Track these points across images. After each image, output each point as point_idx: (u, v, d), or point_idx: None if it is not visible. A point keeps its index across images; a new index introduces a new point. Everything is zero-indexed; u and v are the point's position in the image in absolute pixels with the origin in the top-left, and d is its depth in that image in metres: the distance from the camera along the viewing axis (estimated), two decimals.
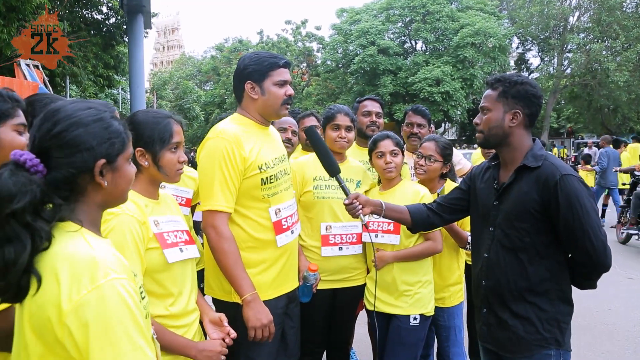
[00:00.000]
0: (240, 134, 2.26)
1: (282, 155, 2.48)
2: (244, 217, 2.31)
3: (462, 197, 2.37)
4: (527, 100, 2.01)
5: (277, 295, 2.39)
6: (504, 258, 2.03)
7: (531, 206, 1.94)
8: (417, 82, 27.11)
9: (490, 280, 2.08)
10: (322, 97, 35.08)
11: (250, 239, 2.30)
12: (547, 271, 1.96)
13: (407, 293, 2.75)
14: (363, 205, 2.35)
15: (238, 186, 2.25)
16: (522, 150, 2.04)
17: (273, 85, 2.31)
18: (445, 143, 3.00)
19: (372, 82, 29.27)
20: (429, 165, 2.94)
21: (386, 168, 2.82)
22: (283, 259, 2.40)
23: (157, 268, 1.80)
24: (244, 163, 2.24)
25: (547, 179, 1.92)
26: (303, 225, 2.86)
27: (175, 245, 1.87)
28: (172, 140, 1.88)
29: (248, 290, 2.17)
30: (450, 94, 26.65)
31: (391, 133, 2.92)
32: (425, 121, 3.63)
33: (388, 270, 2.77)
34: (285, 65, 2.33)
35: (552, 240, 1.96)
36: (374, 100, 3.57)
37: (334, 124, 2.92)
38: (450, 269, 3.00)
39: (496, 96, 2.03)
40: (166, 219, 1.91)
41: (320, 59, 36.21)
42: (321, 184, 2.87)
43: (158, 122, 1.87)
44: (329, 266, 2.82)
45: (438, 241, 2.76)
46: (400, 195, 2.81)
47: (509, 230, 2.01)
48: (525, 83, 2.01)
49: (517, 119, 2.02)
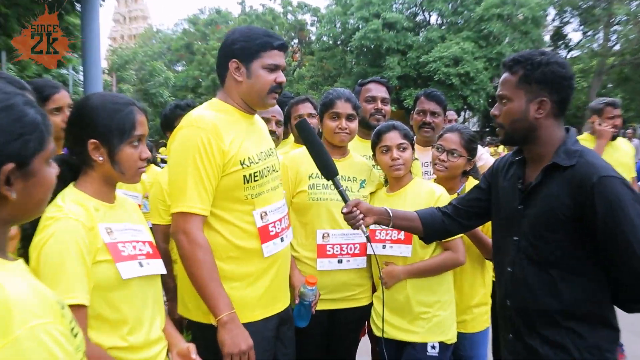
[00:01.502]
0: (219, 123, 2.26)
1: (269, 149, 2.49)
2: (224, 221, 2.30)
3: (481, 198, 2.37)
4: (554, 85, 1.98)
5: (266, 315, 2.39)
6: (532, 274, 2.02)
7: (562, 213, 1.93)
8: (431, 61, 27.15)
9: (516, 300, 2.08)
10: (317, 80, 35.15)
11: (231, 247, 2.30)
12: (584, 291, 1.95)
13: (424, 316, 2.74)
14: (365, 214, 2.34)
15: (216, 184, 2.25)
16: (552, 145, 2.03)
17: (262, 68, 2.31)
18: (471, 135, 3.02)
19: (377, 62, 29.35)
20: (451, 160, 2.95)
21: (393, 165, 2.82)
22: (271, 271, 2.40)
23: (109, 285, 1.77)
24: (223, 157, 2.24)
25: (581, 180, 1.89)
26: (296, 232, 2.85)
27: (132, 258, 1.85)
28: (134, 133, 1.86)
29: (224, 309, 2.16)
30: (472, 76, 26.71)
31: (398, 123, 2.92)
32: (440, 108, 3.63)
33: (400, 288, 2.77)
34: (280, 47, 2.34)
35: (588, 254, 1.94)
36: (379, 84, 3.57)
37: (333, 112, 2.92)
38: (473, 287, 3.00)
39: (516, 82, 2.01)
40: (122, 226, 1.89)
41: (315, 35, 36.31)
42: (318, 182, 2.86)
43: (118, 109, 1.84)
44: (326, 282, 2.82)
45: (460, 251, 2.76)
46: (412, 196, 2.81)
47: (536, 241, 2.01)
48: (552, 62, 1.98)
49: (544, 108, 2.00)
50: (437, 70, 26.76)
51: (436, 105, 3.62)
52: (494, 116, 2.13)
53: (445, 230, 2.45)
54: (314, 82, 35.39)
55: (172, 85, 39.94)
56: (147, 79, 35.03)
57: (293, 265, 2.78)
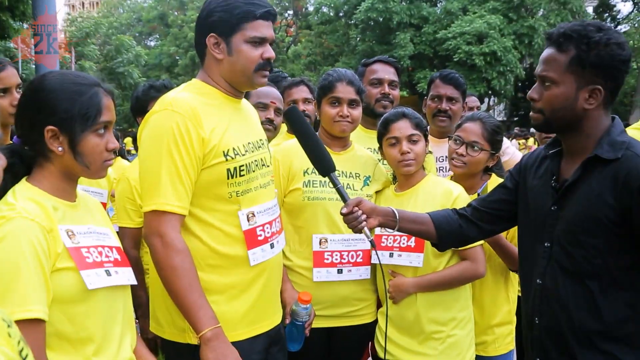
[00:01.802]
0: (198, 107, 2.27)
1: (259, 140, 2.50)
2: (203, 223, 2.32)
3: (507, 199, 2.37)
4: (612, 70, 1.95)
5: (253, 334, 2.40)
6: (565, 287, 2.02)
7: (604, 214, 1.92)
8: (450, 38, 27.11)
9: (546, 318, 2.08)
10: (315, 59, 35.14)
11: (211, 254, 2.31)
12: (628, 307, 1.95)
13: (437, 336, 2.77)
14: (368, 215, 2.34)
15: (195, 179, 2.26)
16: (596, 136, 2.03)
17: (245, 42, 2.31)
18: (494, 125, 3.03)
19: (385, 38, 29.30)
20: (471, 155, 2.96)
21: (402, 160, 2.84)
22: (259, 283, 2.42)
23: (71, 297, 1.75)
24: (202, 146, 2.24)
25: (628, 176, 1.89)
26: (288, 237, 2.87)
27: (99, 265, 1.84)
28: (100, 119, 1.85)
29: (208, 323, 2.15)
30: (498, 56, 26.67)
31: (409, 110, 2.94)
32: (458, 93, 3.64)
33: (409, 304, 2.79)
34: (265, 16, 2.32)
35: (634, 263, 1.94)
36: (386, 64, 3.58)
37: (333, 97, 2.94)
38: (495, 303, 3.02)
39: (566, 63, 1.97)
40: (86, 229, 1.88)
41: (313, 5, 36.21)
42: (314, 179, 2.89)
43: (80, 91, 1.83)
44: (324, 296, 2.85)
45: (479, 262, 2.78)
46: (424, 197, 2.84)
47: (572, 248, 2.00)
48: (611, 43, 1.92)
49: (597, 98, 1.98)
50: (458, 48, 26.67)
51: (454, 90, 3.62)
52: (531, 99, 2.10)
53: (463, 235, 2.45)
54: (311, 61, 35.37)
55: (143, 64, 39.81)
56: (113, 55, 34.88)
57: (285, 278, 2.80)
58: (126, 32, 42.78)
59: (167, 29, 43.68)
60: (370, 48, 29.37)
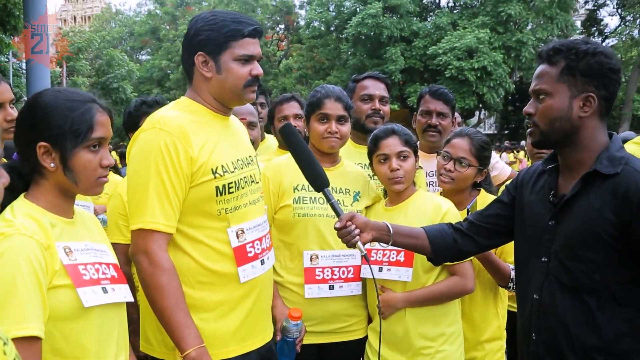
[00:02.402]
0: (187, 125, 2.28)
1: (248, 157, 2.52)
2: (193, 240, 2.33)
3: (504, 215, 2.36)
4: (602, 78, 1.99)
5: (243, 352, 2.40)
6: (563, 302, 2.02)
7: (603, 229, 1.92)
8: (441, 53, 27.30)
9: (544, 333, 2.08)
10: (307, 72, 35.24)
11: (201, 271, 2.32)
12: (626, 323, 1.94)
13: (426, 351, 2.77)
14: (361, 230, 2.33)
15: (183, 197, 2.27)
16: (594, 150, 2.04)
17: (233, 61, 2.33)
18: (482, 141, 3.05)
19: (376, 53, 29.47)
20: (459, 170, 2.98)
21: (392, 178, 2.86)
22: (249, 300, 2.42)
23: (67, 315, 1.76)
24: (190, 165, 2.26)
25: (628, 191, 1.89)
26: (279, 253, 2.89)
27: (96, 282, 1.84)
28: (92, 135, 1.85)
29: (192, 342, 2.15)
30: (489, 71, 26.84)
31: (398, 126, 2.95)
32: (447, 109, 3.67)
33: (398, 319, 2.80)
34: (253, 34, 2.34)
35: (632, 278, 1.95)
36: (377, 80, 3.58)
37: (321, 114, 2.95)
38: (485, 318, 3.03)
39: (557, 74, 2.01)
40: (83, 246, 1.89)
41: (304, 19, 36.39)
42: (304, 196, 2.90)
43: (73, 107, 1.84)
44: (315, 312, 2.85)
45: (468, 277, 2.79)
46: (414, 212, 2.85)
47: (570, 263, 2.00)
48: (599, 53, 1.98)
49: (591, 106, 2.00)
50: (449, 63, 26.84)
51: (443, 105, 3.65)
52: (527, 114, 2.12)
53: (458, 250, 2.44)
54: (302, 75, 35.46)
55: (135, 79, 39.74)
56: (105, 70, 34.84)
57: (275, 294, 2.80)
58: (118, 46, 42.84)
59: (159, 43, 43.73)
60: (361, 62, 29.51)
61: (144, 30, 46.56)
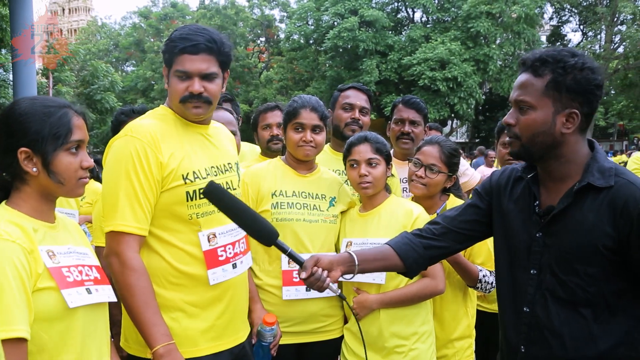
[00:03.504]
0: (158, 132, 2.33)
1: (225, 164, 2.54)
2: (165, 243, 2.36)
3: (480, 220, 2.28)
4: (588, 95, 1.90)
5: (215, 351, 2.42)
6: (559, 315, 1.95)
7: (602, 243, 1.86)
8: (415, 64, 27.45)
9: (536, 346, 2.01)
10: (287, 83, 35.26)
11: (172, 272, 2.36)
12: (621, 332, 1.90)
13: (400, 349, 2.79)
14: (328, 269, 2.11)
15: (154, 201, 2.31)
16: (578, 163, 1.97)
17: (174, 76, 2.37)
18: (451, 148, 3.08)
19: (353, 65, 29.57)
20: (430, 177, 3.00)
21: (360, 182, 2.88)
22: (221, 302, 2.44)
23: (52, 315, 1.76)
24: (160, 170, 2.30)
25: (626, 205, 1.83)
26: (258, 256, 2.89)
27: (80, 284, 1.85)
28: (71, 138, 1.87)
29: (161, 339, 2.18)
30: (459, 82, 27.07)
31: (372, 134, 2.97)
32: (420, 117, 3.71)
33: (372, 320, 2.81)
34: (190, 50, 2.31)
35: (626, 288, 1.90)
36: (359, 91, 3.58)
37: (297, 123, 2.95)
38: (455, 317, 3.05)
39: (543, 88, 1.92)
40: (65, 249, 1.89)
41: (284, 32, 36.42)
42: (282, 201, 2.91)
43: (50, 112, 1.85)
44: (293, 313, 2.86)
45: (439, 278, 2.82)
46: (387, 217, 2.87)
47: (566, 276, 1.93)
48: (586, 68, 1.89)
49: (574, 122, 1.92)
50: (422, 74, 27.01)
51: (416, 114, 3.69)
52: (508, 124, 2.02)
53: (429, 257, 2.32)
54: (283, 86, 35.47)
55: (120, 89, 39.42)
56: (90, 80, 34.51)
57: (256, 298, 2.81)
58: (103, 58, 42.43)
59: (143, 54, 43.46)
60: (338, 74, 29.59)
61: (128, 42, 46.25)
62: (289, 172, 3.02)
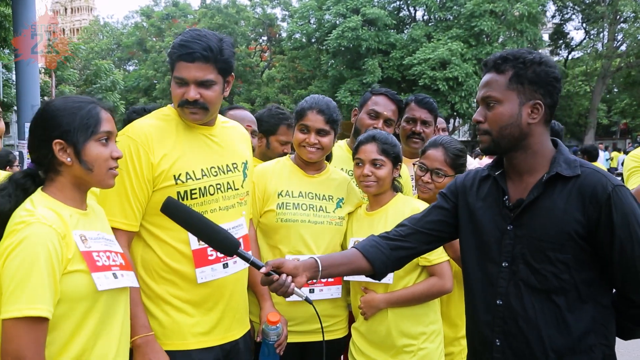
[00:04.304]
0: (154, 133, 2.39)
1: (229, 164, 2.56)
2: (158, 239, 2.42)
3: (446, 221, 2.30)
4: (548, 86, 2.01)
5: (203, 346, 2.46)
6: (533, 305, 1.99)
7: (573, 229, 1.92)
8: (416, 64, 27.43)
9: (511, 338, 2.03)
10: (289, 82, 35.31)
11: (163, 267, 2.43)
12: (592, 320, 1.95)
13: (409, 349, 2.78)
14: (293, 275, 2.09)
15: (146, 199, 2.39)
16: (545, 155, 2.05)
17: (173, 82, 2.43)
18: (457, 149, 3.03)
19: (355, 64, 29.57)
20: (436, 181, 2.97)
21: (363, 181, 2.86)
22: (212, 300, 2.48)
23: (80, 296, 1.87)
24: (151, 171, 2.36)
25: (595, 191, 1.90)
26: (264, 255, 2.89)
27: (107, 269, 1.96)
28: (100, 129, 1.99)
29: (139, 331, 2.28)
30: (460, 81, 27.04)
31: (381, 134, 2.93)
32: (431, 117, 3.67)
33: (381, 319, 2.81)
34: (185, 58, 2.34)
35: (595, 276, 1.96)
36: (390, 100, 3.38)
37: (302, 124, 2.92)
38: (461, 316, 2.96)
39: (507, 82, 2.01)
40: (96, 235, 2.01)
41: (286, 31, 36.45)
42: (288, 201, 2.89)
43: (80, 107, 1.99)
44: (297, 313, 2.85)
45: (446, 278, 2.81)
46: (394, 215, 2.84)
47: (539, 265, 1.97)
48: (544, 62, 2.01)
49: (538, 112, 2.01)
50: (423, 73, 27.03)
51: (428, 114, 3.65)
52: (477, 122, 2.11)
53: (396, 259, 2.31)
54: (284, 85, 35.55)
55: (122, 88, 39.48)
56: (92, 80, 34.59)
57: (265, 296, 2.80)
58: (106, 57, 42.53)
59: (145, 54, 43.54)
60: (340, 73, 29.59)
61: (131, 41, 46.38)
62: (296, 172, 3.00)
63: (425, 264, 2.80)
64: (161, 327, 2.41)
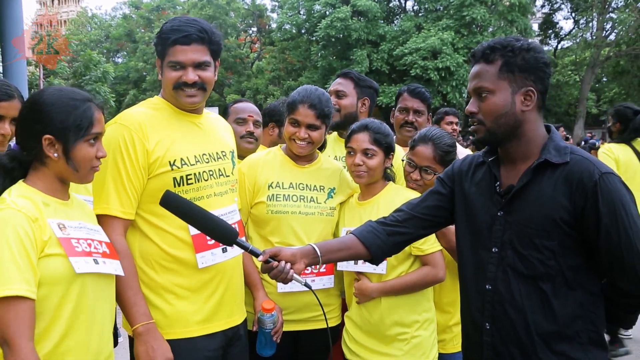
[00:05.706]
0: (146, 121, 2.40)
1: (220, 152, 2.58)
2: (155, 227, 2.42)
3: (442, 206, 2.32)
4: (538, 72, 2.01)
5: (206, 332, 2.47)
6: (520, 290, 2.01)
7: (559, 216, 1.93)
8: (407, 54, 27.41)
9: (500, 322, 2.06)
10: (279, 73, 35.20)
11: (163, 256, 2.42)
12: (579, 306, 1.97)
13: (402, 337, 2.80)
14: (292, 262, 2.14)
15: (141, 186, 2.40)
16: (537, 142, 2.05)
17: (167, 66, 2.44)
18: (446, 145, 2.99)
19: (345, 55, 29.49)
20: (425, 178, 2.95)
21: (353, 170, 2.87)
22: (212, 286, 2.49)
23: (60, 279, 1.90)
24: (146, 157, 2.37)
25: (581, 178, 1.91)
26: (256, 246, 2.85)
27: (87, 254, 1.98)
28: (92, 130, 2.02)
29: (140, 319, 2.28)
30: (452, 71, 27.06)
31: (374, 123, 2.93)
32: (424, 107, 3.75)
33: (374, 308, 2.82)
34: (182, 41, 2.37)
35: (582, 263, 1.97)
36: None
37: (292, 118, 2.90)
38: (454, 304, 3.05)
39: (497, 71, 2.01)
40: (76, 224, 2.04)
41: (276, 22, 36.31)
42: (278, 193, 2.89)
43: (75, 105, 2.00)
44: (289, 302, 2.86)
45: (439, 267, 2.82)
46: (385, 205, 2.84)
47: (526, 251, 2.00)
48: (532, 48, 2.01)
49: (531, 99, 2.02)
50: (414, 63, 27.00)
51: (420, 103, 3.72)
52: (470, 113, 2.10)
53: (393, 244, 2.34)
54: (275, 76, 35.43)
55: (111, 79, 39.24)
56: (82, 72, 34.34)
57: (258, 286, 2.82)
58: (94, 49, 42.18)
59: (134, 45, 43.26)
60: (330, 64, 29.52)
61: (119, 33, 46.00)
62: (287, 162, 3.00)
63: (419, 254, 2.81)
64: (164, 316, 2.41)
